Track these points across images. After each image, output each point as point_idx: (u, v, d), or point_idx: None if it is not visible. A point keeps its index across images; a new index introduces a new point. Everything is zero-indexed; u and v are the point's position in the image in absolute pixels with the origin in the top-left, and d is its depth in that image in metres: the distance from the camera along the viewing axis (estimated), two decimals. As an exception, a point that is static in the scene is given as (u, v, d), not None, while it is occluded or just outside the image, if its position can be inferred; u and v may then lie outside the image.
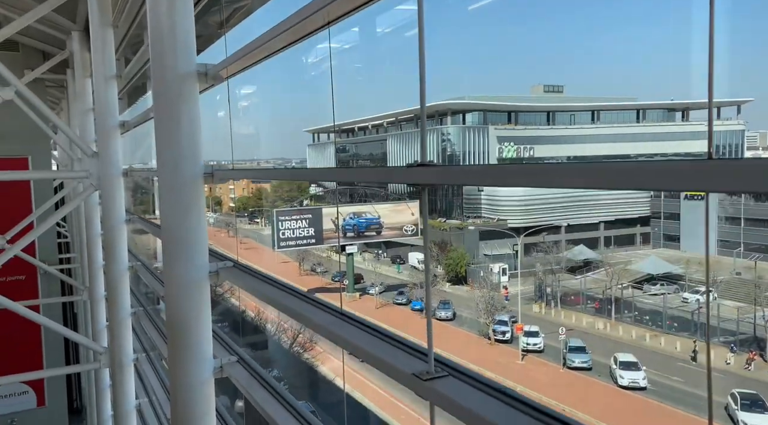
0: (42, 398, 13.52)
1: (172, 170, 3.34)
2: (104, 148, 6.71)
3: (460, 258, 54.46)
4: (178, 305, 3.32)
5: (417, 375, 1.72)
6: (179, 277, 3.31)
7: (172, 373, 3.34)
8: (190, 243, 3.32)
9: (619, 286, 42.66)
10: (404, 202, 56.09)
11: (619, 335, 38.21)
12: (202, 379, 3.30)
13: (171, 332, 3.36)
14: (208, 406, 3.30)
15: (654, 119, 78.03)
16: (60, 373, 11.50)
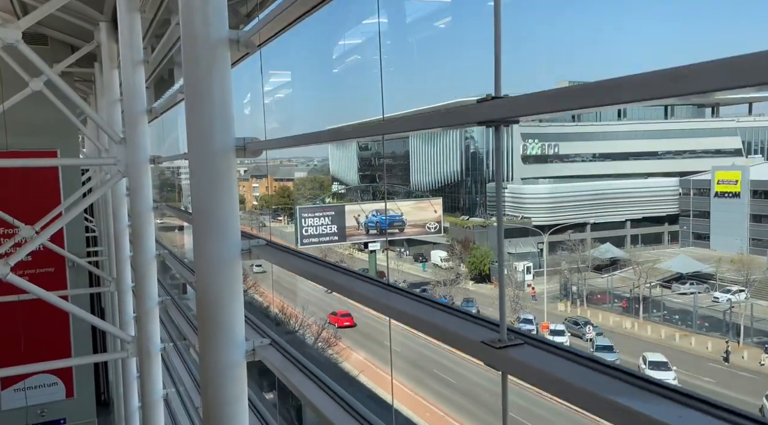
0: (71, 389, 13.64)
1: (202, 143, 3.18)
2: (132, 134, 6.63)
3: (483, 256, 53.94)
4: (210, 285, 3.16)
5: (488, 344, 1.52)
6: (211, 256, 3.15)
7: (202, 356, 3.19)
8: (222, 220, 3.16)
9: (647, 285, 41.78)
10: (427, 199, 55.80)
11: (647, 334, 37.42)
12: (233, 362, 3.14)
13: (202, 313, 3.21)
14: (240, 390, 3.14)
15: (682, 116, 76.34)
16: (88, 361, 11.56)
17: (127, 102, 6.65)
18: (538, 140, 70.91)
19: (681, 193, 66.65)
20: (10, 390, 13.02)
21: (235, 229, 3.22)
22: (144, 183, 6.72)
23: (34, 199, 11.45)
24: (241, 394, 3.16)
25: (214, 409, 3.13)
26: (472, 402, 28.24)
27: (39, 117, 12.13)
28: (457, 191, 69.21)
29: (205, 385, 3.19)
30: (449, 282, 45.99)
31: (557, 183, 67.35)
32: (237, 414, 3.11)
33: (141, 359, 6.87)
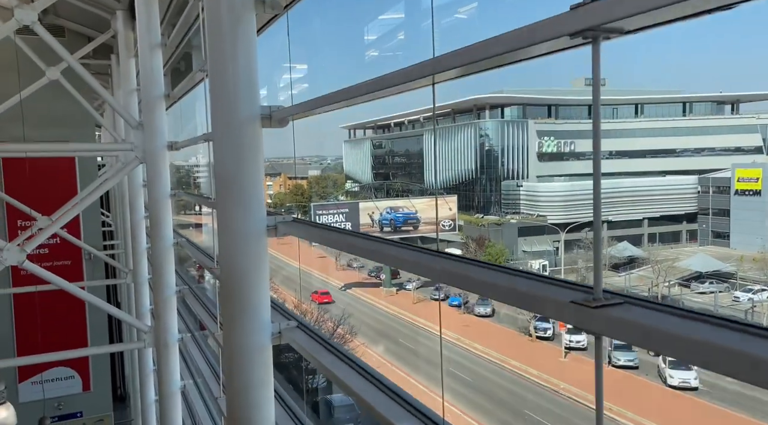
0: (87, 382, 13.60)
1: (226, 112, 2.99)
2: (149, 119, 6.48)
3: (498, 254, 53.51)
4: (234, 263, 2.96)
5: (582, 303, 1.30)
6: (235, 231, 2.96)
7: (226, 339, 3.00)
8: (247, 193, 2.97)
9: (666, 283, 41.13)
10: (441, 197, 55.47)
11: (666, 334, 36.73)
12: (259, 345, 2.94)
13: (225, 293, 3.01)
14: (265, 374, 2.94)
15: (701, 112, 75.13)
16: (104, 351, 11.48)
17: (145, 86, 6.50)
18: (554, 138, 70.24)
19: (700, 191, 65.65)
20: (28, 383, 13.02)
21: (260, 203, 3.03)
22: (161, 170, 6.57)
23: (51, 191, 11.40)
24: (267, 378, 2.97)
25: (238, 394, 2.94)
26: (489, 400, 27.95)
27: (55, 109, 12.07)
28: (472, 189, 68.80)
29: (229, 369, 2.99)
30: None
31: (573, 181, 66.73)
32: (263, 400, 2.92)
33: (158, 349, 6.72)
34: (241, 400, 2.93)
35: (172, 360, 6.72)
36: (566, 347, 33.85)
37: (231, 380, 2.99)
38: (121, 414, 17.27)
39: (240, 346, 2.96)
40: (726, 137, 72.75)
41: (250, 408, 2.90)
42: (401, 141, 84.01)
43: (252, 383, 2.91)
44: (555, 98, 71.82)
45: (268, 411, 2.91)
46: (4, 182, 11.41)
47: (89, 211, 13.41)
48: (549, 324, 37.20)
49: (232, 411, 2.99)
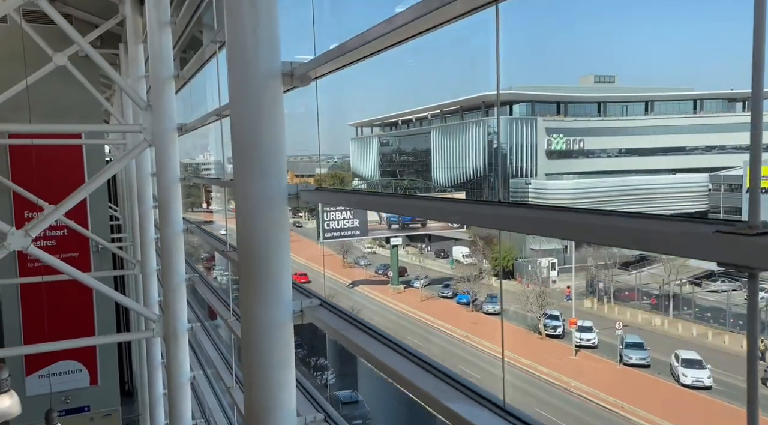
0: (95, 376, 13.45)
1: (244, 70, 2.74)
2: (158, 100, 6.25)
3: (507, 252, 53.05)
4: (255, 235, 2.71)
5: (733, 232, 1.04)
6: (254, 200, 2.71)
7: (245, 317, 2.75)
8: (267, 158, 2.72)
9: (677, 282, 40.63)
10: (449, 193, 55.15)
11: (678, 332, 36.35)
12: (280, 322, 2.70)
13: (245, 267, 2.76)
14: (287, 353, 2.70)
15: (712, 110, 74.25)
16: (112, 341, 11.29)
17: (154, 67, 6.27)
18: (563, 135, 69.61)
19: (711, 189, 64.90)
20: (35, 377, 12.87)
21: (281, 170, 2.77)
22: (171, 152, 6.34)
23: (59, 181, 11.21)
24: (288, 359, 2.72)
25: (258, 375, 2.69)
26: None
27: (62, 99, 11.89)
28: (480, 187, 68.32)
29: (248, 348, 2.75)
30: (473, 278, 45.29)
31: (582, 179, 66.19)
32: (284, 382, 2.67)
33: (167, 339, 6.49)
34: (261, 382, 2.68)
35: (181, 350, 6.50)
36: (576, 345, 33.47)
37: (249, 360, 2.75)
38: (128, 409, 17.14)
39: (259, 324, 2.71)
40: (738, 134, 71.91)
41: (270, 389, 2.65)
42: (409, 138, 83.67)
43: (272, 362, 2.66)
44: (564, 95, 71.26)
45: (288, 394, 2.66)
46: (11, 172, 11.24)
47: (97, 204, 13.24)
48: (559, 322, 36.84)
49: (251, 393, 2.74)
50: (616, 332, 32.55)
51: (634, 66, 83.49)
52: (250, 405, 2.75)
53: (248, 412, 2.76)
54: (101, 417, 13.46)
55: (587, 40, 78.15)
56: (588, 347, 33.50)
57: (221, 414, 6.63)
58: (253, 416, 2.71)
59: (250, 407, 2.73)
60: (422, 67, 79.40)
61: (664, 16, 73.94)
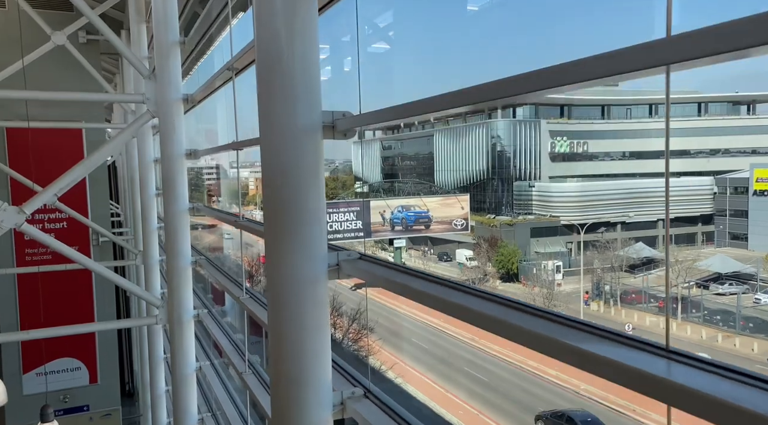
0: (95, 375, 13.00)
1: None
2: (163, 68, 5.80)
3: (511, 254, 52.59)
4: (283, 170, 2.25)
5: None
6: (284, 126, 2.24)
7: (271, 274, 2.29)
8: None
9: (685, 284, 40.09)
10: (454, 195, 54.71)
11: (687, 335, 35.77)
12: (314, 277, 2.23)
13: (271, 213, 2.29)
14: (321, 314, 2.24)
15: (717, 113, 73.80)
16: (112, 327, 10.82)
17: (158, 31, 5.82)
18: (567, 138, 69.17)
19: (717, 192, 64.42)
20: (32, 374, 12.41)
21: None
22: (176, 124, 5.88)
23: (58, 167, 10.77)
24: (324, 319, 2.25)
25: (288, 341, 2.23)
26: (505, 400, 27.08)
27: (63, 85, 11.48)
28: (483, 190, 67.83)
29: (276, 310, 2.29)
30: (478, 281, 44.76)
31: (586, 181, 65.76)
32: (319, 347, 2.21)
33: (171, 327, 6.02)
34: (291, 349, 2.22)
35: (186, 338, 6.02)
36: (585, 348, 32.81)
37: (278, 324, 2.28)
38: (129, 410, 16.65)
39: (290, 280, 2.26)
40: (743, 137, 71.54)
41: (302, 357, 2.18)
42: (411, 142, 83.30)
43: (305, 325, 2.20)
44: (568, 98, 70.91)
45: (324, 363, 2.20)
46: (9, 157, 10.82)
47: (97, 198, 12.81)
48: (566, 324, 36.26)
49: (279, 365, 2.27)
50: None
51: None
52: (277, 378, 2.29)
53: (276, 388, 2.30)
54: (101, 416, 12.99)
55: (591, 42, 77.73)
56: (596, 350, 32.87)
57: (231, 405, 6.15)
58: (281, 391, 2.25)
59: (278, 381, 2.27)
60: (423, 69, 78.92)
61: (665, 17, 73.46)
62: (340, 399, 2.35)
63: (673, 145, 72.11)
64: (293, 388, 2.21)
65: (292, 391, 2.21)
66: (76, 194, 11.93)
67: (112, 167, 19.57)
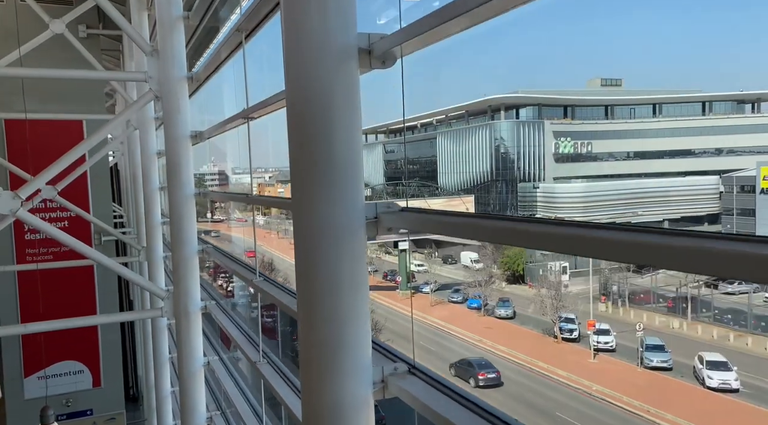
0: (98, 378, 12.65)
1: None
2: (165, 44, 5.47)
3: (517, 256, 52.13)
4: (314, 105, 1.89)
5: None
6: (313, 51, 1.89)
7: (300, 226, 1.93)
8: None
9: (694, 284, 39.63)
10: (458, 196, 54.33)
11: (697, 334, 35.28)
12: (352, 227, 1.88)
13: (298, 155, 1.94)
14: (359, 271, 1.89)
15: (721, 112, 73.38)
16: (114, 320, 10.47)
17: (160, 5, 5.48)
18: (571, 138, 68.84)
19: (723, 191, 63.92)
20: (34, 378, 12.06)
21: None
22: (180, 104, 5.54)
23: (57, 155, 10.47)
24: (362, 276, 1.90)
25: (321, 298, 1.87)
26: (519, 402, 26.61)
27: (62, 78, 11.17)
28: (487, 192, 67.47)
29: (306, 266, 1.92)
30: (484, 283, 44.34)
31: (591, 182, 65.39)
32: (358, 305, 1.85)
33: (178, 319, 5.66)
34: (323, 311, 1.85)
35: (194, 332, 5.66)
36: (594, 348, 32.41)
37: (308, 280, 1.92)
38: (133, 415, 16.28)
39: (325, 223, 1.88)
40: (747, 136, 71.12)
41: (338, 321, 1.83)
42: (414, 145, 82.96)
43: (341, 282, 1.84)
44: (571, 98, 70.61)
45: (362, 326, 1.84)
46: (7, 150, 10.51)
47: (99, 197, 12.47)
48: (575, 325, 35.83)
49: (308, 335, 1.91)
50: (637, 333, 31.50)
51: (642, 68, 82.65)
52: (308, 349, 1.93)
53: (307, 363, 1.94)
54: (104, 421, 12.63)
55: (593, 43, 77.51)
56: (606, 350, 32.47)
57: (242, 400, 5.78)
58: (312, 365, 1.90)
59: (309, 353, 1.92)
60: (427, 72, 78.72)
61: (670, 17, 73.31)
62: (381, 375, 2.00)
63: (678, 144, 71.77)
64: (327, 359, 1.86)
65: (326, 363, 1.87)
66: (77, 194, 11.62)
67: (114, 168, 19.27)
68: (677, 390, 26.48)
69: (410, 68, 2.03)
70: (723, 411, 24.17)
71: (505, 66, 75.44)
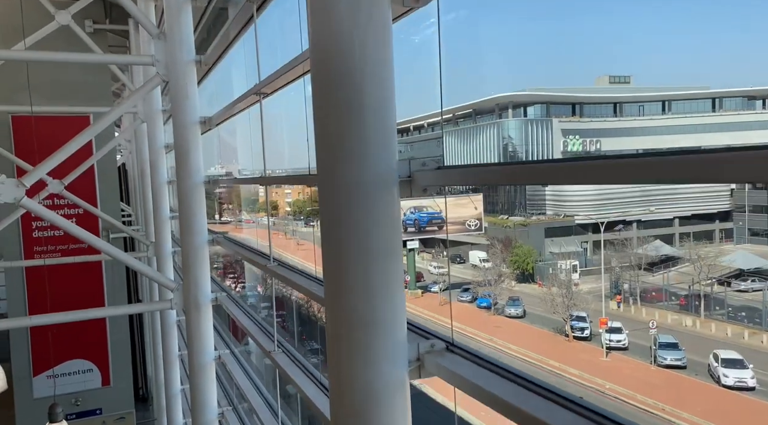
0: (107, 377, 12.55)
1: None
2: (173, 26, 5.30)
3: (526, 255, 51.82)
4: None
5: None
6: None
7: (326, 182, 1.72)
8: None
9: (707, 281, 39.15)
10: (467, 195, 54.05)
11: (711, 332, 34.80)
12: (385, 185, 1.68)
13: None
14: (394, 233, 1.68)
15: (732, 108, 72.60)
16: (123, 312, 10.34)
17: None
18: (579, 136, 68.36)
19: (735, 188, 63.27)
20: (42, 377, 11.96)
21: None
22: (188, 89, 5.37)
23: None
24: (397, 240, 1.69)
25: (350, 262, 1.66)
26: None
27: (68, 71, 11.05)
28: (495, 191, 67.10)
29: (333, 224, 1.71)
30: (493, 282, 44.05)
31: (600, 180, 64.87)
32: (392, 272, 1.64)
33: (187, 311, 5.47)
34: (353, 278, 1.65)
35: (204, 324, 5.47)
36: (607, 346, 32.04)
37: (336, 243, 1.71)
38: (143, 414, 16.18)
39: (355, 179, 1.67)
40: (758, 132, 70.36)
41: (370, 290, 1.62)
42: (420, 145, 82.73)
43: (373, 242, 1.63)
44: (579, 96, 70.15)
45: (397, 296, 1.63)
46: (15, 145, 10.39)
47: (107, 195, 12.35)
48: (586, 324, 35.47)
49: (337, 302, 1.70)
50: (650, 332, 31.12)
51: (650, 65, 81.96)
52: (336, 324, 1.72)
53: (335, 338, 1.73)
54: (114, 420, 12.51)
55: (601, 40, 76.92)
56: (618, 348, 32.09)
57: (255, 393, 5.58)
58: (341, 341, 1.69)
59: (337, 329, 1.71)
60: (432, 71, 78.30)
61: (678, 12, 72.61)
62: (416, 353, 1.79)
63: (687, 141, 71.16)
64: (358, 336, 1.66)
65: (357, 340, 1.66)
66: (85, 192, 11.51)
67: (122, 169, 19.19)
68: (692, 389, 26.08)
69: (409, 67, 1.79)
70: (740, 409, 23.76)
71: (513, 63, 74.93)
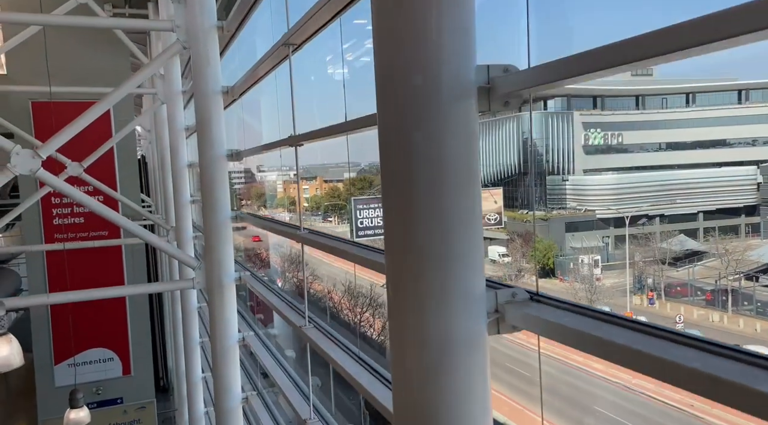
0: (128, 366, 12.46)
1: None
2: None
3: (547, 249, 51.17)
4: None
5: None
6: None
7: (386, 83, 1.41)
8: None
9: (735, 276, 38.26)
10: (486, 189, 53.46)
11: (739, 328, 33.98)
12: (466, 89, 1.36)
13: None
14: (471, 160, 1.36)
15: (759, 100, 70.84)
16: (143, 291, 10.21)
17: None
18: (601, 129, 67.26)
19: (762, 181, 61.83)
20: (64, 365, 11.90)
21: None
22: (210, 56, 5.09)
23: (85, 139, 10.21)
24: (476, 170, 1.37)
25: (420, 193, 1.35)
26: (551, 394, 25.90)
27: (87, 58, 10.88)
28: (515, 186, 66.35)
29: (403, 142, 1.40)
30: (514, 277, 43.53)
31: (622, 174, 63.88)
32: (470, 201, 1.33)
33: (210, 291, 5.21)
34: (423, 210, 1.33)
35: (228, 304, 5.21)
36: (631, 342, 31.39)
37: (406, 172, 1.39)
38: (164, 405, 16.11)
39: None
40: (785, 124, 68.62)
41: (446, 229, 1.31)
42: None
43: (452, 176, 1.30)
44: (600, 89, 69.03)
45: (475, 231, 1.31)
46: (35, 131, 10.28)
47: (128, 186, 12.21)
48: (610, 319, 34.86)
49: (399, 245, 1.39)
50: (676, 327, 30.45)
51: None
52: (398, 271, 1.41)
53: (396, 289, 1.43)
54: (135, 409, 12.42)
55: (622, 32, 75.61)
56: (643, 344, 31.43)
57: (281, 372, 5.31)
58: (404, 292, 1.38)
59: (400, 277, 1.40)
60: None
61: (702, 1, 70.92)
62: (495, 304, 1.48)
63: (712, 135, 69.77)
64: (426, 283, 1.35)
65: (425, 288, 1.35)
66: (105, 179, 11.39)
67: (141, 161, 19.12)
68: (721, 385, 25.36)
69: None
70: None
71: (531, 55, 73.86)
